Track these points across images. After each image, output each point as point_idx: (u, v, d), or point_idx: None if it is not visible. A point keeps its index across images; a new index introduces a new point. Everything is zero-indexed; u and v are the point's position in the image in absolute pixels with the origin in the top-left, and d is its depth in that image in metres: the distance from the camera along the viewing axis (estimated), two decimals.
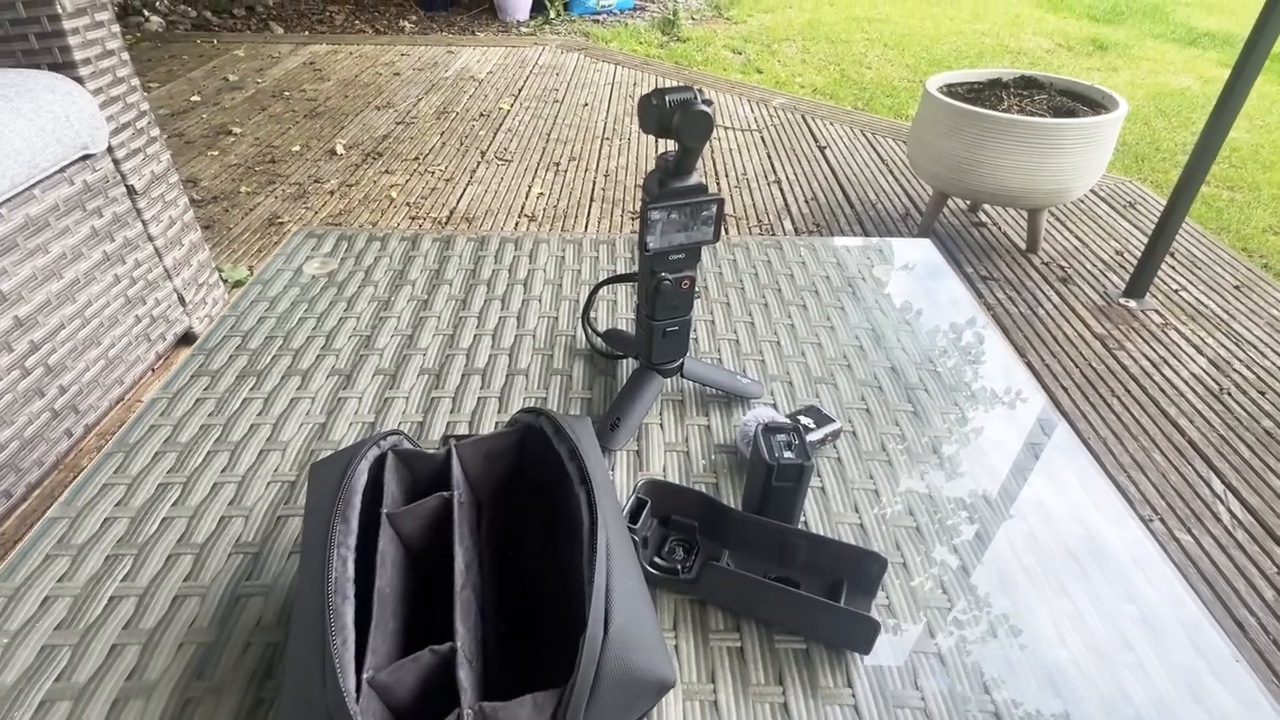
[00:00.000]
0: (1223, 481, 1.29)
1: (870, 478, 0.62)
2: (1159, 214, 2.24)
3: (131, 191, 1.33)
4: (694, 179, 0.55)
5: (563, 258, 0.93)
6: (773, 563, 0.52)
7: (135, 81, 1.33)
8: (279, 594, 0.52)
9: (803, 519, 0.58)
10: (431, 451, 0.48)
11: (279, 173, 2.37)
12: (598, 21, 4.37)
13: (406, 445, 0.50)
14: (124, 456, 0.63)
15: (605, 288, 0.87)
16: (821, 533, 0.57)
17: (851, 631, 0.46)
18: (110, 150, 1.27)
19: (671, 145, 0.54)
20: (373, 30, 4.13)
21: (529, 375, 0.73)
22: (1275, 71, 3.72)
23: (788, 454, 0.51)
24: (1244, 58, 1.49)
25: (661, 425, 0.67)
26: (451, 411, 0.68)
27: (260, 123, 2.73)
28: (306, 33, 3.99)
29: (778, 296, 0.86)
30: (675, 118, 0.50)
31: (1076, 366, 1.57)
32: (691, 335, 0.79)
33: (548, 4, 4.31)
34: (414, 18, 4.36)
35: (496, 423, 0.67)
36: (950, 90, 1.92)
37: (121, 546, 0.55)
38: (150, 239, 1.39)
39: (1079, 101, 1.83)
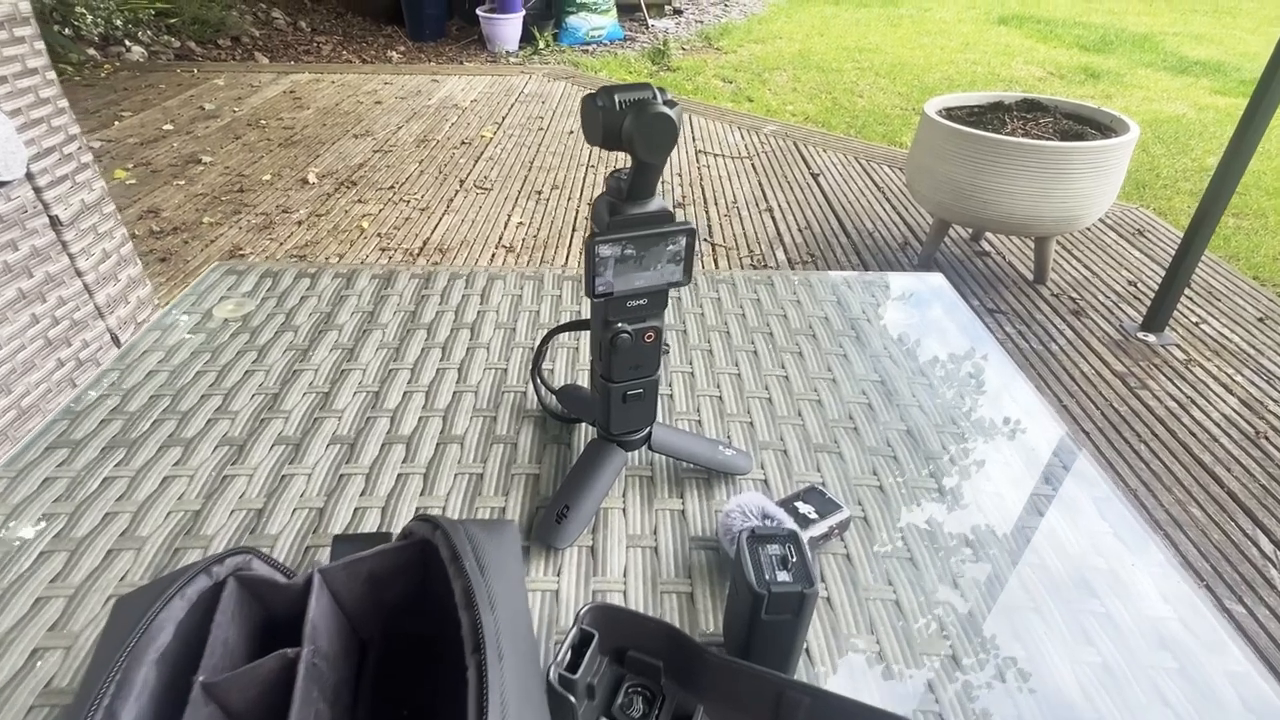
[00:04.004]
0: (1271, 540, 1.15)
1: (889, 583, 0.49)
2: (1169, 242, 2.14)
3: (56, 222, 1.20)
4: (655, 204, 0.42)
5: (520, 296, 0.80)
6: None
7: (64, 103, 1.22)
8: None
9: (804, 645, 0.44)
10: (286, 582, 0.35)
11: (246, 202, 2.25)
12: (587, 52, 4.33)
13: (258, 567, 0.36)
14: None
15: (562, 334, 0.74)
16: (826, 664, 0.43)
17: None
18: (30, 177, 1.15)
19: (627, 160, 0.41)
20: (359, 60, 4.07)
21: (465, 444, 0.59)
22: None
23: (783, 575, 0.37)
24: (1261, 89, 1.40)
25: (624, 510, 0.53)
26: (363, 494, 0.55)
27: (232, 151, 2.63)
28: (292, 62, 3.93)
29: (769, 342, 0.74)
30: (627, 122, 0.38)
31: (1097, 408, 1.45)
32: (664, 391, 0.66)
33: (537, 34, 4.28)
34: (402, 48, 4.31)
35: (417, 508, 0.54)
36: (950, 114, 1.82)
37: None
38: (79, 274, 1.26)
39: (1086, 125, 1.74)
